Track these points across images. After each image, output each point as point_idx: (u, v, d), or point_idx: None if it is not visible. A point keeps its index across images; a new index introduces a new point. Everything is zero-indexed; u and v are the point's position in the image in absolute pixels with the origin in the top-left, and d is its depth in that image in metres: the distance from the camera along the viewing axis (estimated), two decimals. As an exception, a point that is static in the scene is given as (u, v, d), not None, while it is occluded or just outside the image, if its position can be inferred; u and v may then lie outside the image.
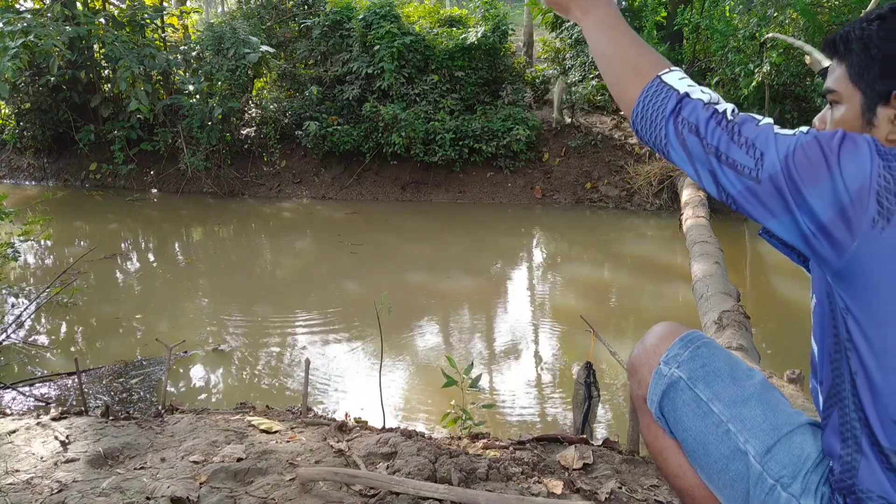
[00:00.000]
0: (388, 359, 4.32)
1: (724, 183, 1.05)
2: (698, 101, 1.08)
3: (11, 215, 4.65)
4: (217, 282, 6.69)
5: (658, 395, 1.31)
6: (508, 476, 2.06)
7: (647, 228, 8.15)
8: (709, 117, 1.06)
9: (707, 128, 1.06)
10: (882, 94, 1.09)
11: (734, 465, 1.21)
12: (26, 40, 8.32)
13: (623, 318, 5.48)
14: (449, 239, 8.09)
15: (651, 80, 1.12)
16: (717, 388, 1.25)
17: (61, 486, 2.04)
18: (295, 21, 10.80)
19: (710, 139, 1.05)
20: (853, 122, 1.12)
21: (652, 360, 1.34)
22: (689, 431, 1.27)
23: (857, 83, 1.12)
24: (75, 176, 11.13)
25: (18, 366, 4.34)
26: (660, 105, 1.10)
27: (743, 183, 1.03)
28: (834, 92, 1.15)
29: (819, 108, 8.55)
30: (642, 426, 1.41)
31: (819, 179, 0.98)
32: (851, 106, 1.13)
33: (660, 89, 1.11)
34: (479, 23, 10.20)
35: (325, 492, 1.98)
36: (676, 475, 1.35)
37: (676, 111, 1.08)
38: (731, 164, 1.04)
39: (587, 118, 10.43)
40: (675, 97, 1.09)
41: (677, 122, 1.08)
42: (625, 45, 1.16)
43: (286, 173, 10.35)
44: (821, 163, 0.99)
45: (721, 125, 1.05)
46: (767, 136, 1.03)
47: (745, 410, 1.23)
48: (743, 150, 1.03)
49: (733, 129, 1.04)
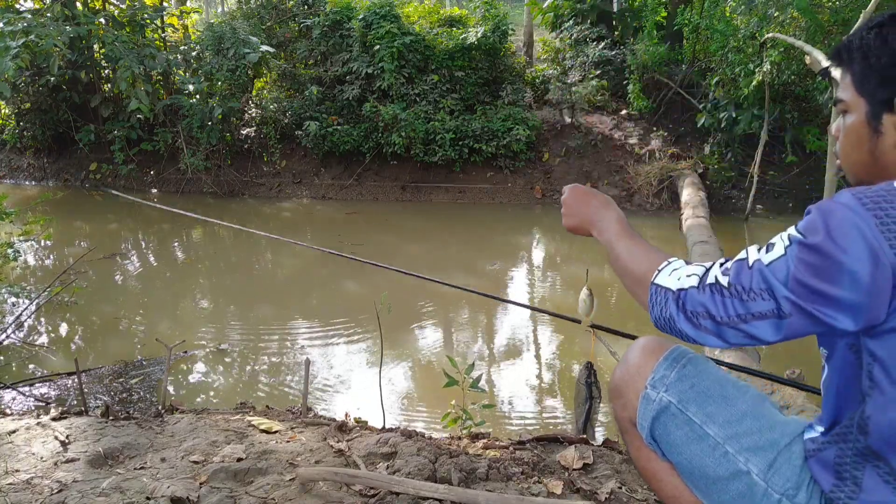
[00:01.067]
0: (389, 359, 4.32)
1: (765, 334, 1.05)
2: (691, 288, 1.11)
3: (12, 215, 4.64)
4: (217, 282, 6.69)
5: (648, 420, 1.28)
6: (508, 476, 2.06)
7: (647, 228, 8.15)
8: (710, 297, 1.08)
9: (716, 306, 1.07)
10: (885, 101, 1.09)
11: (735, 485, 1.20)
12: (27, 40, 8.32)
13: (623, 319, 5.48)
14: (449, 239, 8.09)
15: (650, 289, 1.18)
16: (709, 409, 1.23)
17: (61, 486, 2.04)
18: (295, 21, 10.80)
19: (726, 314, 1.07)
20: (860, 130, 1.12)
21: (637, 383, 1.30)
22: (684, 455, 1.25)
23: (860, 92, 1.12)
24: (75, 176, 11.13)
25: (18, 366, 4.34)
26: (664, 311, 1.15)
27: (778, 325, 1.03)
28: (842, 101, 1.16)
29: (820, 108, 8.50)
30: (631, 449, 1.37)
31: (834, 276, 0.97)
32: (858, 115, 1.13)
33: (660, 297, 1.16)
34: (479, 23, 10.20)
35: (325, 492, 1.98)
36: (673, 497, 1.33)
37: (681, 308, 1.12)
38: (758, 317, 1.04)
39: (587, 118, 10.43)
40: (672, 298, 1.13)
41: (689, 318, 1.11)
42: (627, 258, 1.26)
43: (286, 173, 10.35)
44: (825, 261, 0.97)
45: (725, 295, 1.07)
46: (763, 274, 1.03)
47: (740, 429, 1.21)
48: (757, 301, 1.03)
49: (737, 291, 1.06)
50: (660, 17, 10.17)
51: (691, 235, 6.39)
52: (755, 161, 8.20)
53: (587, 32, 10.63)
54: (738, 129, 8.41)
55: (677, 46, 10.02)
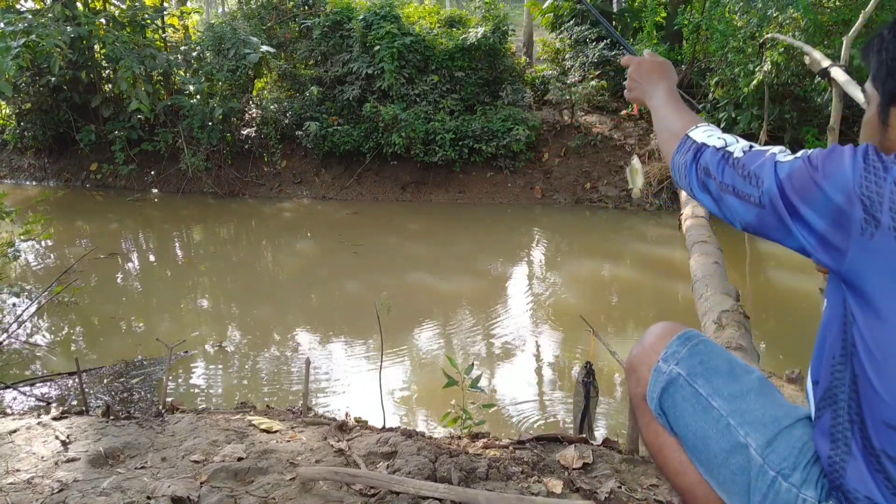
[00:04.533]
0: (389, 358, 4.33)
1: (742, 214, 1.15)
2: (712, 147, 1.22)
3: (12, 215, 4.65)
4: (217, 282, 6.70)
5: (657, 391, 1.33)
6: (508, 475, 2.07)
7: (646, 228, 8.15)
8: (720, 159, 1.19)
9: (718, 168, 1.19)
10: (892, 94, 1.13)
11: (735, 458, 1.22)
12: (28, 40, 8.32)
13: (623, 318, 5.48)
14: (449, 239, 8.09)
15: (681, 138, 1.29)
16: (716, 383, 1.28)
17: (62, 485, 2.05)
18: (295, 21, 10.80)
19: (722, 178, 1.18)
20: (873, 121, 1.18)
21: (651, 359, 1.36)
22: (689, 427, 1.29)
23: (875, 84, 1.17)
24: (76, 176, 11.14)
25: (19, 366, 4.35)
26: (684, 157, 1.27)
27: (753, 211, 1.13)
28: (865, 93, 1.22)
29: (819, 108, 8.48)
30: (641, 424, 1.42)
31: (810, 193, 1.05)
32: (872, 106, 1.18)
33: (686, 144, 1.28)
34: (480, 23, 10.21)
35: (325, 491, 1.99)
36: (677, 472, 1.36)
37: (696, 159, 1.23)
38: (742, 196, 1.14)
39: (587, 118, 10.43)
40: (694, 148, 1.25)
41: (698, 169, 1.23)
42: (671, 118, 1.39)
43: (286, 173, 10.36)
44: (808, 178, 1.05)
45: (729, 163, 1.17)
46: (768, 164, 1.12)
47: (744, 404, 1.25)
48: (748, 181, 1.14)
49: (740, 165, 1.16)
50: (659, 17, 10.17)
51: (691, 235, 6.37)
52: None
53: (587, 33, 10.64)
54: (737, 130, 8.41)
55: (677, 47, 10.02)
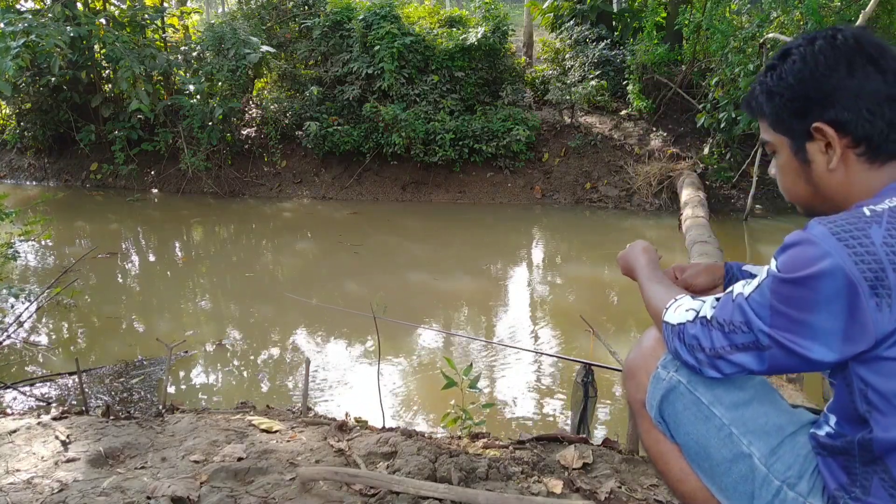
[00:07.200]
0: (389, 358, 4.33)
1: (753, 366, 1.11)
2: (687, 323, 1.19)
3: (12, 215, 4.64)
4: (218, 282, 6.70)
5: (657, 399, 1.31)
6: (508, 475, 2.07)
7: (646, 228, 8.15)
8: (700, 329, 1.17)
9: (705, 338, 1.16)
10: (802, 131, 1.14)
11: (738, 467, 1.21)
12: (28, 40, 8.32)
13: (623, 318, 5.48)
14: (449, 239, 8.09)
15: (663, 325, 1.27)
16: (717, 391, 1.25)
17: (62, 485, 2.05)
18: (295, 21, 10.80)
19: (712, 345, 1.14)
20: (791, 164, 1.19)
21: (649, 364, 1.33)
22: (691, 435, 1.27)
23: (778, 130, 1.18)
24: (76, 176, 11.14)
25: (18, 366, 4.35)
26: (671, 344, 1.24)
27: (760, 357, 1.09)
28: (768, 143, 1.23)
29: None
30: (641, 431, 1.39)
31: (810, 305, 1.01)
32: (785, 151, 1.19)
33: (667, 331, 1.25)
34: (480, 23, 10.21)
35: (325, 491, 1.99)
36: (678, 479, 1.34)
37: (682, 342, 1.21)
38: (741, 348, 1.11)
39: (587, 118, 10.43)
40: (675, 333, 1.22)
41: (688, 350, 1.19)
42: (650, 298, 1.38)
43: (286, 173, 10.36)
44: (800, 294, 1.02)
45: (711, 327, 1.15)
46: (742, 307, 1.10)
47: (747, 413, 1.22)
48: (737, 333, 1.11)
49: (719, 324, 1.13)
50: (660, 17, 10.17)
51: (691, 235, 6.39)
52: (755, 161, 8.20)
53: (587, 33, 10.64)
54: (737, 129, 8.41)
55: (677, 47, 10.02)
